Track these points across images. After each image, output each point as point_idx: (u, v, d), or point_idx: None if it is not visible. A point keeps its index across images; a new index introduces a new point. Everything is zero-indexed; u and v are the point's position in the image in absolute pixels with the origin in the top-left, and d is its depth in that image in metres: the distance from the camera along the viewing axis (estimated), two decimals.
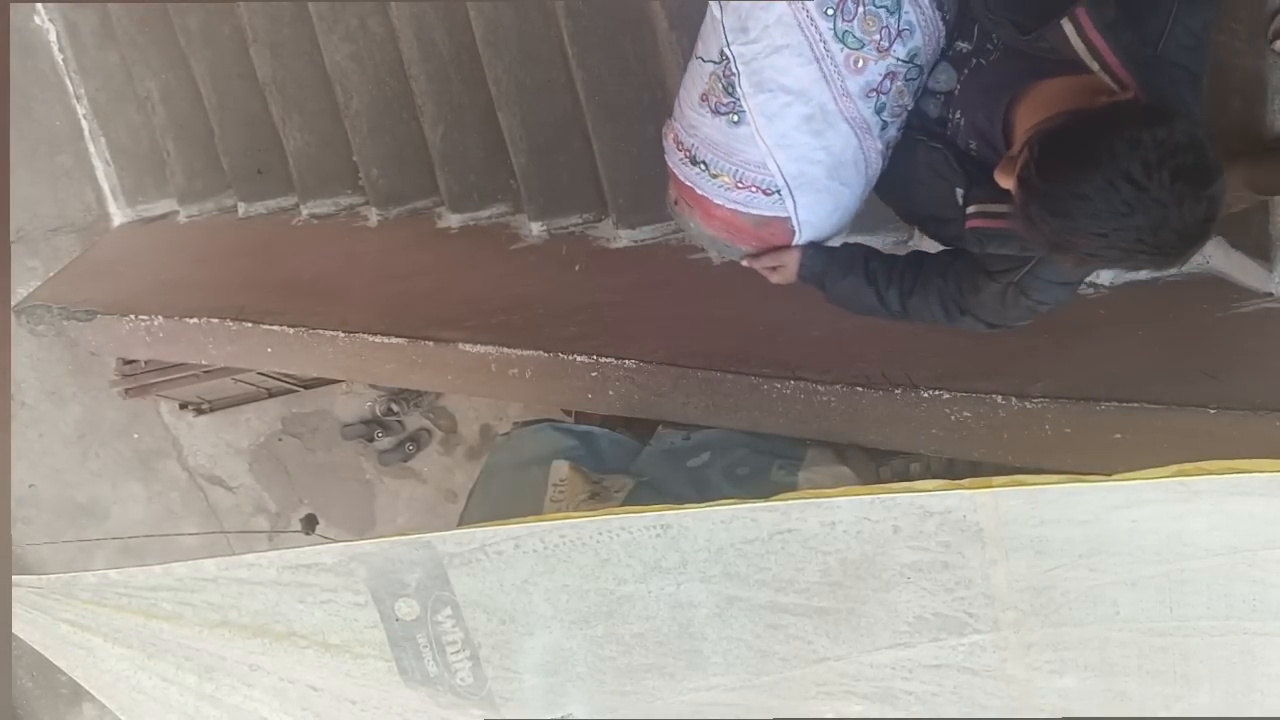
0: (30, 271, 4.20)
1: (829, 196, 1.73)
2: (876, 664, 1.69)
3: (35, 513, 4.82)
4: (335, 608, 1.88)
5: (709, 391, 2.42)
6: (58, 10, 3.76)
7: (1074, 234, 1.34)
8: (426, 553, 1.78)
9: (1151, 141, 1.27)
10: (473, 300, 2.84)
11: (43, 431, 4.65)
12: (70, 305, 3.64)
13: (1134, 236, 1.31)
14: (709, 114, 1.70)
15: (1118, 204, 1.29)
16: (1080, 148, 1.32)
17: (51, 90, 3.95)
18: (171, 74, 3.66)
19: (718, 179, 1.73)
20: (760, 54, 1.61)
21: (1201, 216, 1.30)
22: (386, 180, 3.32)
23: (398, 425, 4.43)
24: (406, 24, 2.98)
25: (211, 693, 2.06)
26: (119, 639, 2.03)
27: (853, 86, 1.62)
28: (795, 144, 1.66)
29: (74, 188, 4.12)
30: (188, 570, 1.92)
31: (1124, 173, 1.27)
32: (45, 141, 4.05)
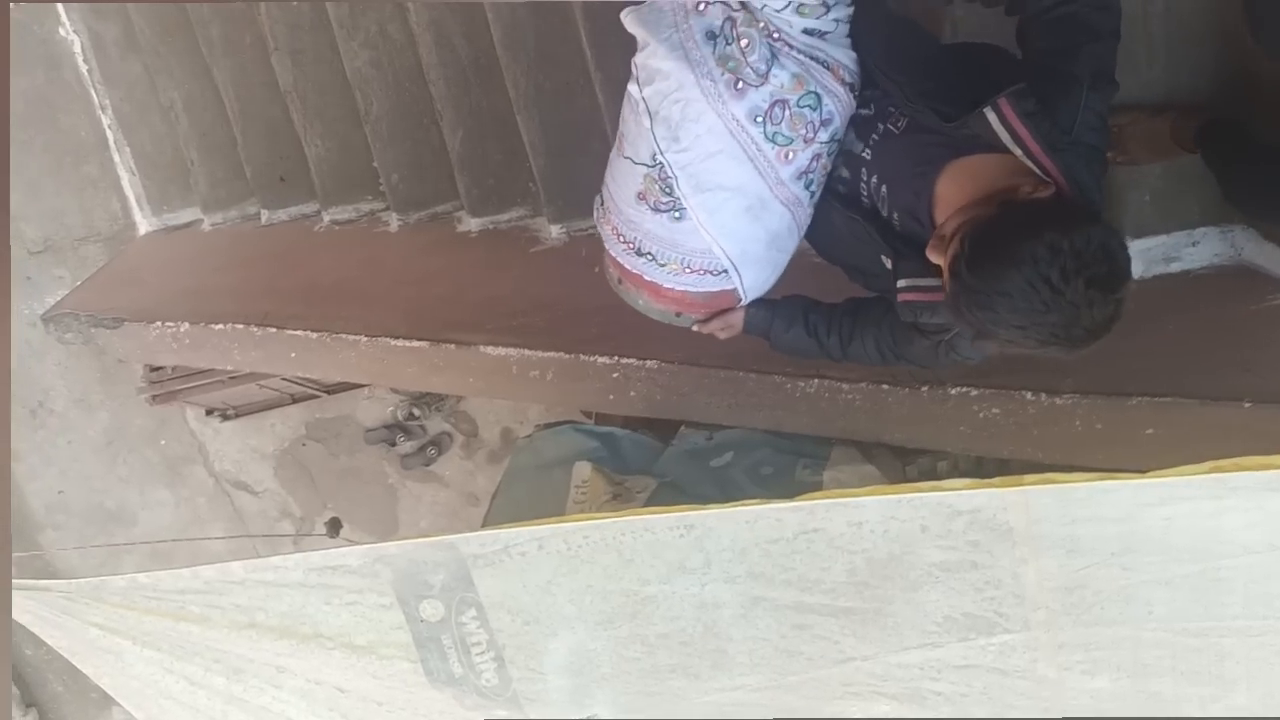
0: (58, 281, 4.24)
1: (769, 264, 1.86)
2: (904, 664, 1.67)
3: (65, 519, 4.86)
4: (361, 609, 1.88)
5: (732, 391, 2.40)
6: (82, 21, 3.79)
7: (996, 325, 1.47)
8: (450, 554, 1.78)
9: (1070, 249, 1.39)
10: (493, 303, 2.84)
11: (72, 439, 4.69)
12: (98, 313, 3.67)
13: (1049, 331, 1.44)
14: (649, 211, 1.79)
15: (1036, 303, 1.41)
16: (1006, 248, 1.43)
17: (77, 101, 3.99)
18: (194, 83, 3.68)
19: (665, 267, 1.83)
20: (695, 160, 1.71)
21: (1108, 317, 1.44)
22: (406, 185, 3.33)
23: (419, 430, 4.46)
24: (425, 29, 2.99)
25: (239, 695, 2.07)
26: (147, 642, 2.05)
27: (785, 174, 1.74)
28: (736, 231, 1.77)
29: (100, 197, 4.16)
30: (215, 573, 1.93)
31: (1044, 277, 1.39)
32: (71, 152, 4.09)
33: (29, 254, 4.30)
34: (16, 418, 4.65)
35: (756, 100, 1.67)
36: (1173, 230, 2.25)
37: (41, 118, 4.06)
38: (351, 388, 4.34)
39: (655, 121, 1.73)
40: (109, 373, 4.50)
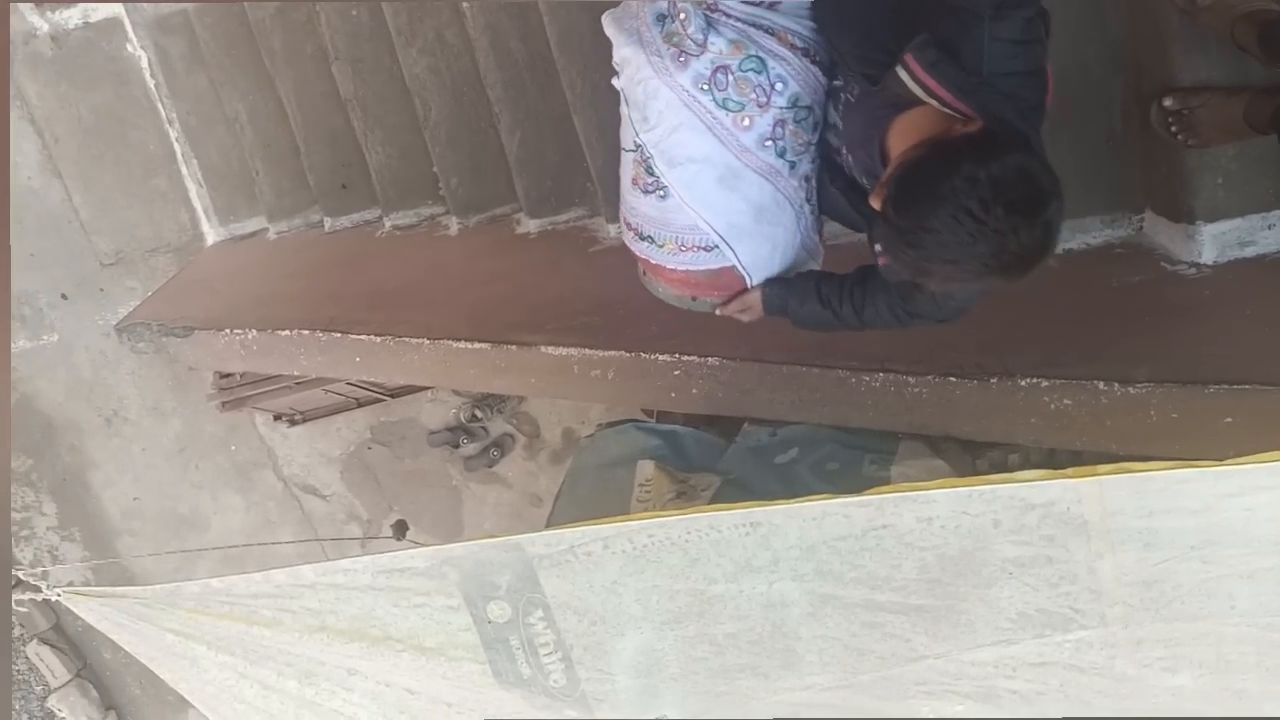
0: (130, 291, 4.34)
1: (764, 239, 1.91)
2: (978, 662, 1.64)
3: (140, 525, 4.97)
4: (429, 611, 1.89)
5: (795, 386, 2.37)
6: (148, 37, 3.88)
7: (929, 261, 1.51)
8: (516, 555, 1.78)
9: (986, 179, 1.41)
10: (554, 303, 2.85)
11: (145, 446, 4.80)
12: (168, 322, 3.75)
13: (979, 262, 1.46)
14: (641, 194, 1.91)
15: (962, 236, 1.44)
16: (927, 186, 1.47)
17: (145, 116, 4.08)
18: (258, 95, 3.75)
19: (664, 248, 1.94)
20: (663, 136, 1.83)
21: (1037, 241, 1.45)
22: (466, 189, 3.36)
23: (482, 431, 4.49)
24: (482, 34, 3.01)
25: (312, 698, 2.09)
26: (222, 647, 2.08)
27: (748, 141, 1.81)
28: (715, 203, 1.85)
29: (169, 209, 4.24)
30: (286, 577, 1.95)
31: (965, 209, 1.42)
32: (141, 166, 4.18)
33: (101, 266, 4.41)
34: (93, 426, 4.77)
35: (699, 68, 1.75)
36: (1247, 213, 2.19)
37: (111, 133, 4.16)
38: (415, 391, 4.38)
39: (630, 107, 1.86)
40: (180, 381, 4.59)
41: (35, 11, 3.97)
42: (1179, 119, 2.11)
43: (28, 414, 4.73)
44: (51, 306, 4.52)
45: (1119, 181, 2.34)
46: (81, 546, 4.99)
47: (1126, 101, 2.28)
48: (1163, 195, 2.28)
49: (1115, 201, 2.36)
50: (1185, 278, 2.20)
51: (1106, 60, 2.26)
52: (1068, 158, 2.31)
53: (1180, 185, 2.19)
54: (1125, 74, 2.26)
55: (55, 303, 4.53)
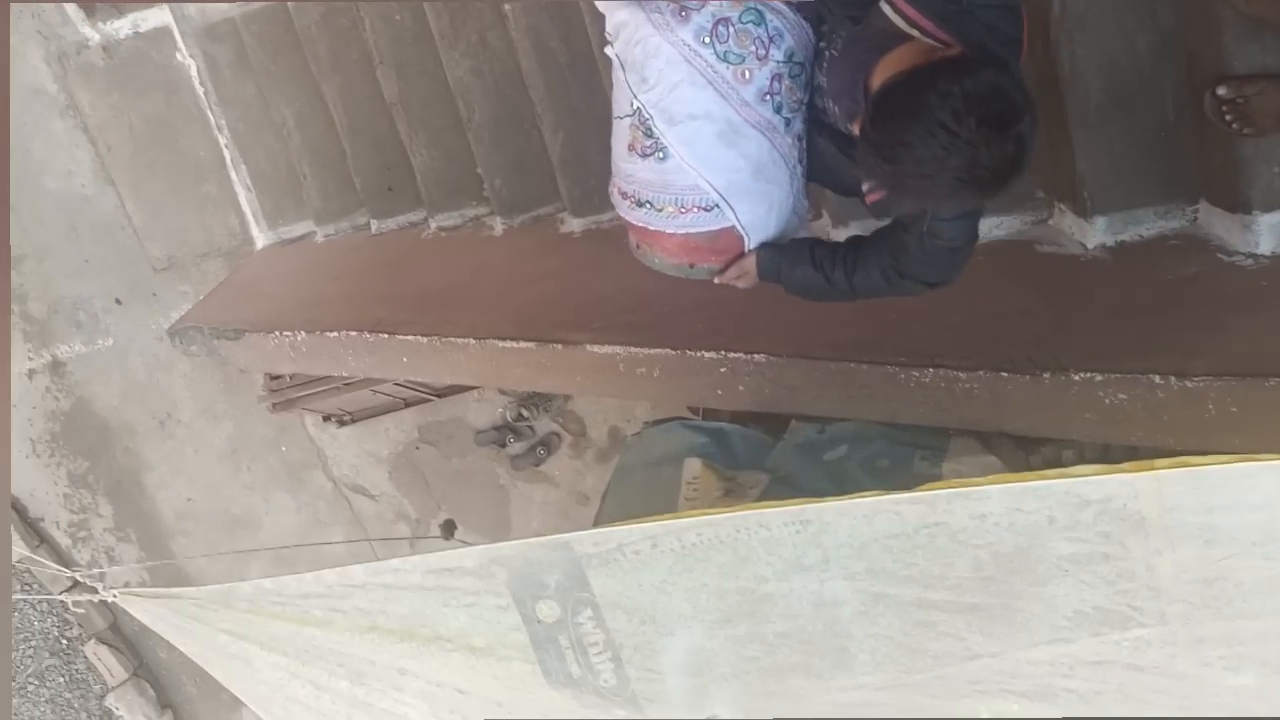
0: (182, 296, 4.40)
1: (761, 198, 1.94)
2: (1034, 660, 1.61)
3: (193, 525, 5.05)
4: (478, 611, 1.90)
5: (843, 383, 2.35)
6: (197, 45, 3.93)
7: (905, 176, 1.57)
8: (565, 554, 1.77)
9: (959, 93, 1.47)
10: (599, 302, 2.85)
11: (198, 448, 4.87)
12: (220, 325, 3.80)
13: (953, 175, 1.52)
14: (639, 159, 1.94)
15: (936, 149, 1.49)
16: (904, 102, 1.54)
17: (195, 123, 4.13)
18: (305, 100, 3.79)
19: (663, 211, 1.95)
20: (663, 94, 1.86)
21: (1010, 155, 1.50)
22: (510, 189, 3.37)
23: (528, 430, 4.50)
24: (524, 35, 3.02)
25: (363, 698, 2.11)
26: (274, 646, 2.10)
27: (748, 95, 1.85)
28: (716, 160, 1.88)
29: (219, 214, 4.30)
30: (337, 577, 1.96)
31: (939, 122, 1.48)
32: (191, 172, 4.24)
33: (154, 271, 4.48)
34: (148, 429, 4.85)
35: (700, 21, 1.80)
36: None
37: (162, 140, 4.22)
38: (462, 390, 4.40)
39: (627, 70, 1.89)
40: (231, 383, 4.65)
41: (87, 23, 4.04)
42: (1233, 107, 2.06)
43: (84, 417, 4.82)
44: (106, 311, 4.60)
45: (1172, 172, 2.29)
46: (137, 547, 5.08)
47: (1179, 91, 2.23)
48: (1218, 185, 2.23)
49: (1169, 192, 2.32)
50: (1242, 269, 2.15)
51: (1157, 49, 2.21)
52: (1119, 148, 2.27)
53: (1236, 175, 2.14)
54: (1177, 63, 2.21)
55: (110, 308, 4.61)
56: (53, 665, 5.25)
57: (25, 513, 4.95)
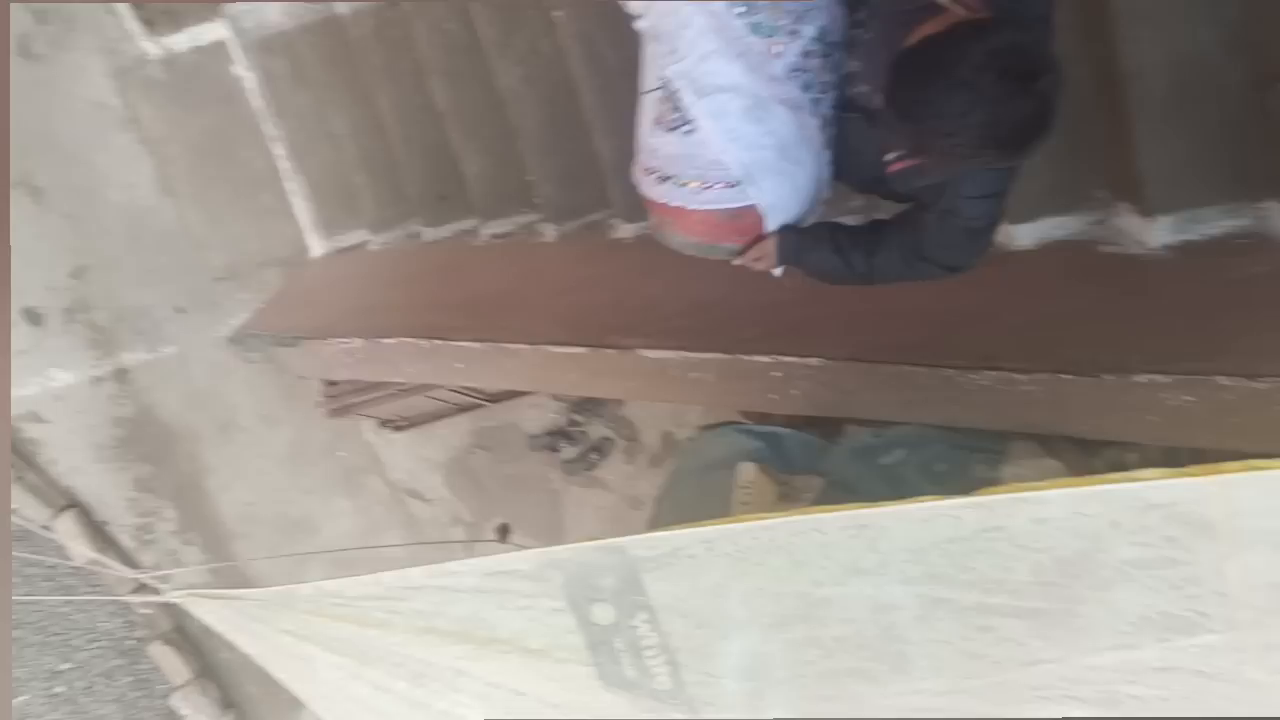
0: (240, 304, 4.47)
1: (786, 178, 1.94)
2: (1097, 666, 1.58)
3: (254, 529, 5.12)
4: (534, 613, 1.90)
5: (900, 386, 2.33)
6: (254, 58, 4.00)
7: (926, 135, 1.60)
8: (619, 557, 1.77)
9: (980, 49, 1.50)
10: (651, 306, 2.85)
11: (258, 453, 4.95)
12: (278, 332, 3.87)
13: (975, 133, 1.53)
14: (664, 133, 1.95)
15: (956, 105, 1.51)
16: (926, 60, 1.57)
17: (252, 135, 4.20)
18: (358, 111, 3.84)
19: (686, 186, 1.95)
20: (693, 65, 1.86)
21: (1033, 111, 1.52)
22: (561, 196, 3.38)
23: (581, 435, 4.51)
24: (574, 41, 3.03)
25: (422, 699, 2.12)
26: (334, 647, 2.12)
27: (777, 70, 1.84)
28: (743, 135, 1.88)
29: (276, 224, 4.35)
30: (395, 579, 1.98)
31: (959, 79, 1.50)
32: (248, 183, 4.31)
33: (214, 280, 4.56)
34: (209, 434, 4.93)
35: None
36: None
37: (221, 152, 4.30)
38: (515, 396, 4.43)
39: (658, 42, 1.91)
40: (290, 389, 4.71)
41: (147, 37, 4.13)
42: None
43: (148, 424, 4.92)
44: (168, 320, 4.69)
45: (1238, 169, 2.24)
46: (200, 550, 5.16)
47: (1244, 86, 2.18)
48: None
49: (1235, 190, 2.26)
50: None
51: (1220, 43, 2.17)
52: (1183, 145, 2.23)
53: None
54: (1241, 56, 2.16)
55: (172, 316, 4.70)
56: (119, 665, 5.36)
57: (92, 516, 5.06)
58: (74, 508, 5.00)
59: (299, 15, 3.81)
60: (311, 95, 3.96)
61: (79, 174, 4.39)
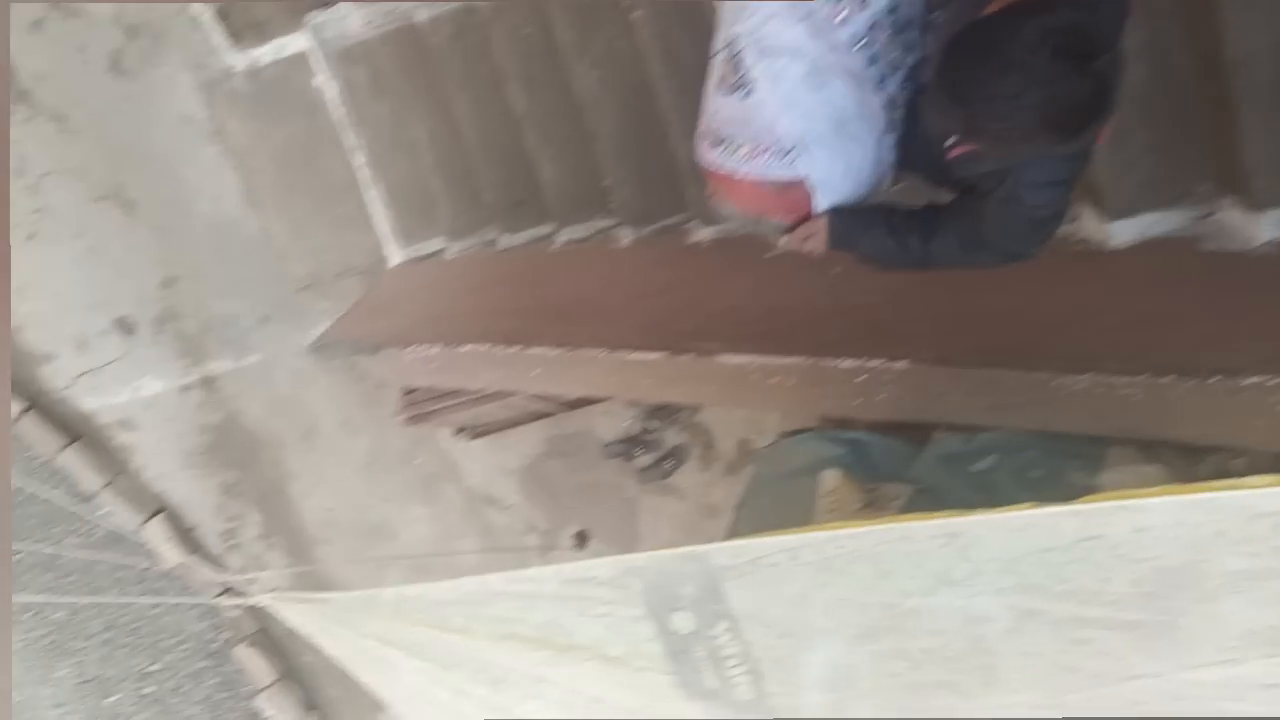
0: (321, 313, 4.55)
1: (839, 154, 1.89)
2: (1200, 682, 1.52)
3: (335, 534, 5.20)
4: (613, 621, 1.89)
5: (991, 390, 2.26)
6: (334, 69, 4.07)
7: (977, 118, 1.55)
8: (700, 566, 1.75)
9: (1033, 27, 1.45)
10: (730, 311, 2.81)
11: (338, 459, 5.02)
12: (358, 341, 3.92)
13: (1028, 115, 1.49)
14: (725, 95, 1.92)
15: (1008, 87, 1.47)
16: (976, 40, 1.52)
17: (332, 145, 4.27)
18: (436, 119, 3.88)
19: (738, 152, 1.93)
20: (758, 24, 1.83)
21: (1089, 91, 1.47)
22: (638, 200, 3.37)
23: (656, 443, 4.49)
24: (652, 42, 3.02)
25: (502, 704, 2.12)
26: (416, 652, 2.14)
27: (841, 38, 1.80)
28: (799, 102, 1.84)
29: (355, 234, 4.42)
30: (475, 585, 1.98)
31: (1012, 59, 1.46)
32: (329, 193, 4.38)
33: (296, 289, 4.64)
34: (292, 441, 5.02)
35: None
36: None
37: (302, 163, 4.38)
38: (589, 403, 4.43)
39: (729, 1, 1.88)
40: (368, 397, 4.78)
41: (232, 50, 4.23)
42: None
43: (234, 430, 5.03)
44: (253, 329, 4.80)
45: None
46: (283, 554, 5.26)
47: None
48: None
49: None
50: None
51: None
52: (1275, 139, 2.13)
53: None
54: None
55: (256, 325, 4.80)
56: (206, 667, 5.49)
57: (180, 521, 5.19)
58: (163, 513, 5.13)
59: (379, 24, 3.86)
60: (390, 104, 4.01)
61: (168, 187, 4.51)
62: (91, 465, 5.01)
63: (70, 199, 4.56)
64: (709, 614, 1.79)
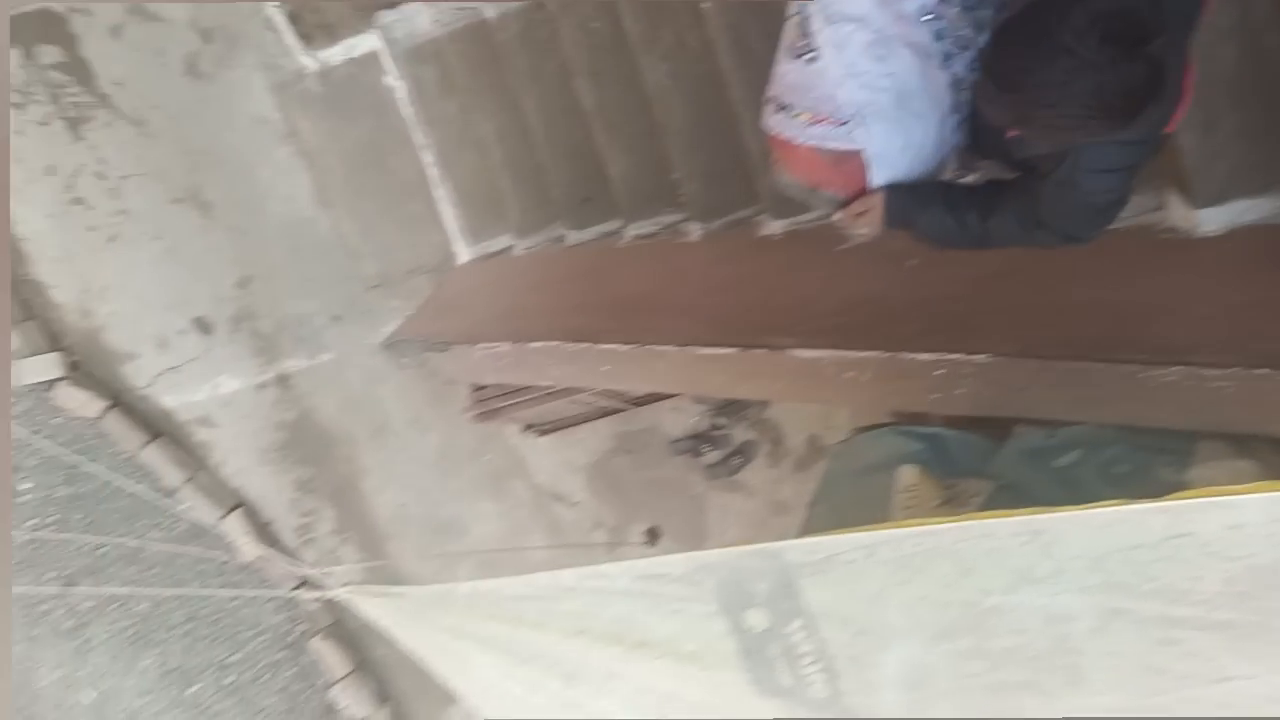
0: (392, 311, 4.60)
1: (899, 129, 1.86)
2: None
3: (406, 529, 5.26)
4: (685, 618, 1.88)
5: (1075, 383, 2.19)
6: (404, 68, 4.11)
7: (1026, 106, 1.53)
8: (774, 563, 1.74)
9: (1081, 12, 1.42)
10: (802, 305, 2.78)
11: (410, 456, 5.08)
12: (428, 338, 3.96)
13: (1079, 102, 1.47)
14: (791, 59, 1.90)
15: (1058, 73, 1.45)
16: (1024, 26, 1.50)
17: (402, 144, 4.31)
18: (504, 116, 3.90)
19: (798, 118, 1.90)
20: None
21: (1142, 76, 1.43)
22: (707, 194, 3.35)
23: (724, 439, 4.47)
24: (722, 33, 2.99)
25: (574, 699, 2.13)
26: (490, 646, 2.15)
27: (908, 8, 1.77)
28: (862, 71, 1.81)
29: (425, 232, 4.46)
30: (548, 581, 1.99)
31: (1059, 43, 1.43)
32: (399, 191, 4.43)
33: (367, 288, 4.70)
34: (364, 438, 5.09)
35: None
36: None
37: (373, 163, 4.43)
38: (657, 399, 4.43)
39: None
40: (438, 394, 4.82)
41: (304, 52, 4.29)
42: None
43: (308, 427, 5.11)
44: (325, 327, 4.86)
45: None
46: (356, 549, 5.34)
47: None
48: None
49: None
50: None
51: None
52: None
53: None
54: None
55: (328, 324, 4.87)
56: (283, 658, 5.58)
57: (257, 515, 5.29)
58: (241, 507, 5.24)
59: (447, 22, 3.89)
60: (458, 102, 4.04)
61: (243, 187, 4.59)
62: (173, 461, 5.12)
63: (149, 201, 4.67)
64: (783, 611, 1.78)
